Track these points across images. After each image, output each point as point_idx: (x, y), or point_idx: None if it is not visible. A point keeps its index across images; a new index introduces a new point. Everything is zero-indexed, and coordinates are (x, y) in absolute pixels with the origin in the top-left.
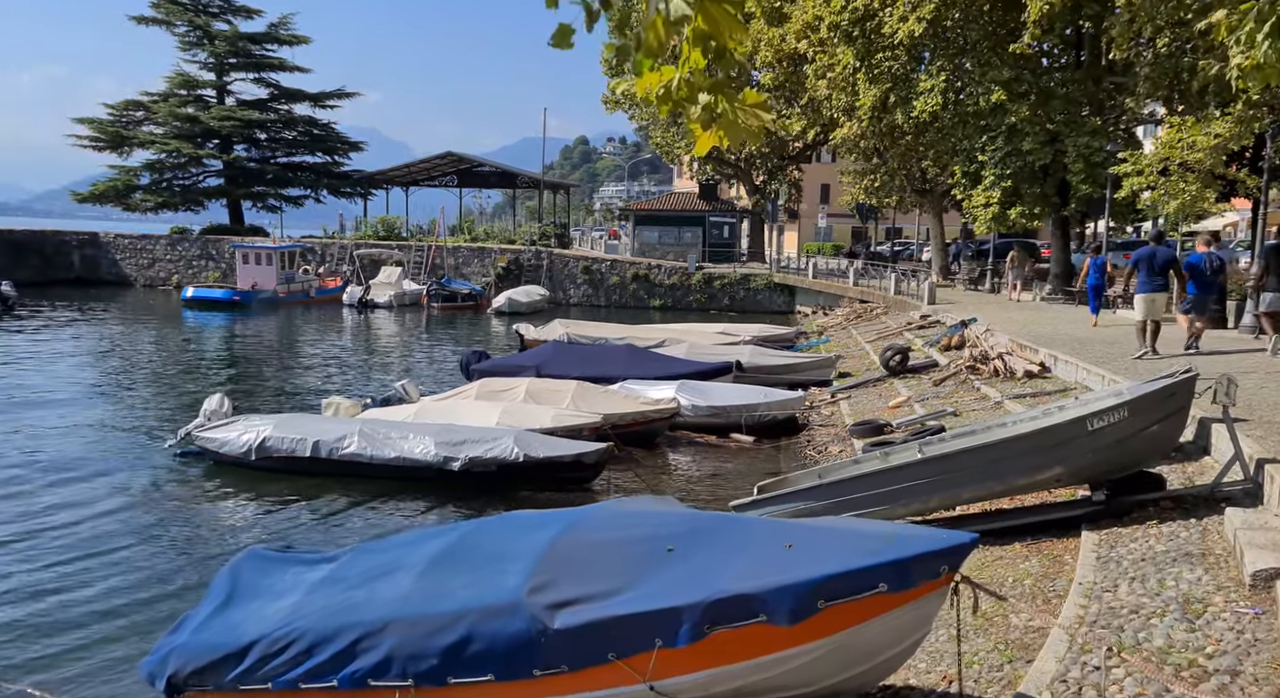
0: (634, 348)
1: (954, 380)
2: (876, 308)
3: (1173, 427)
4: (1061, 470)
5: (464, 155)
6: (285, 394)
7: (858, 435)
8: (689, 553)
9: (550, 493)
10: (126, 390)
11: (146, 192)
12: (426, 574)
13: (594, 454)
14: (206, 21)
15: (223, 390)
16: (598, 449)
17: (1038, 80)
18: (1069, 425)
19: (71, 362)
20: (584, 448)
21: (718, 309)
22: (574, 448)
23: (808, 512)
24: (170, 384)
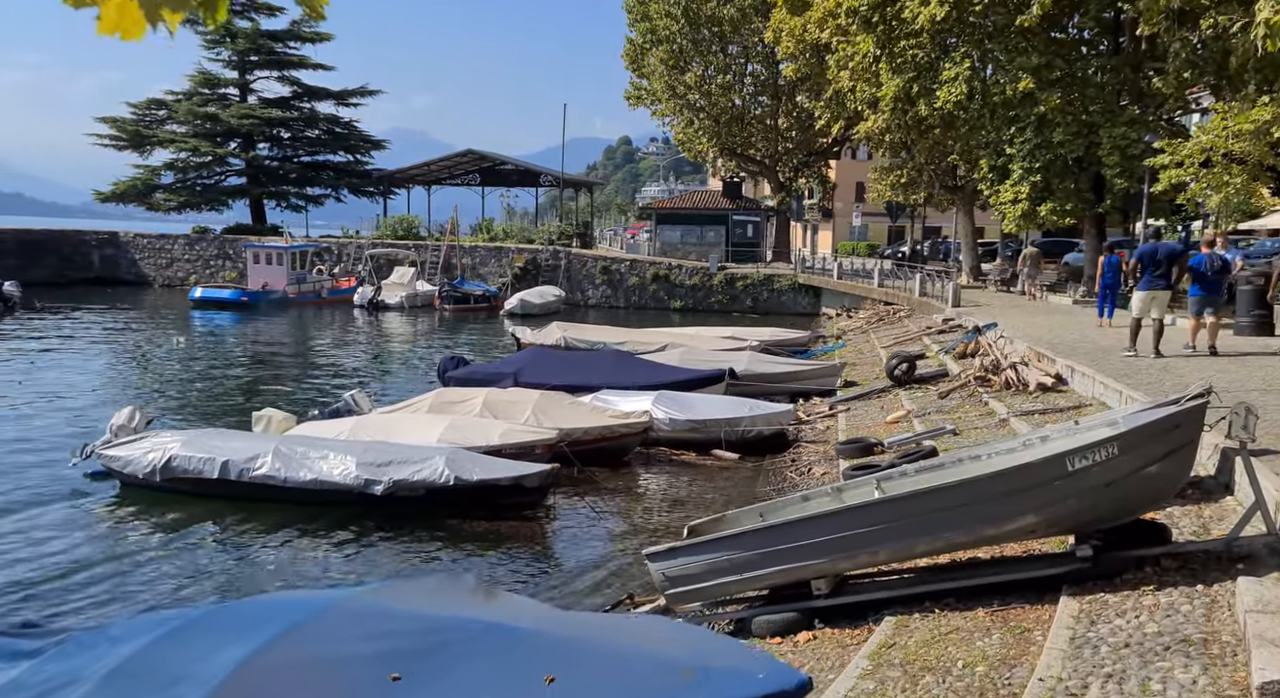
0: (620, 354)
1: (961, 393)
2: (900, 310)
3: (1176, 466)
4: (1035, 519)
5: (485, 153)
6: (256, 399)
7: (844, 455)
8: (416, 686)
9: (487, 521)
10: (72, 398)
11: (168, 191)
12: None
13: (536, 477)
14: (229, 19)
15: (136, 404)
16: (540, 471)
17: (1070, 67)
18: (1044, 465)
19: (40, 364)
20: (525, 470)
21: (739, 311)
22: (514, 470)
23: (740, 563)
24: (135, 389)
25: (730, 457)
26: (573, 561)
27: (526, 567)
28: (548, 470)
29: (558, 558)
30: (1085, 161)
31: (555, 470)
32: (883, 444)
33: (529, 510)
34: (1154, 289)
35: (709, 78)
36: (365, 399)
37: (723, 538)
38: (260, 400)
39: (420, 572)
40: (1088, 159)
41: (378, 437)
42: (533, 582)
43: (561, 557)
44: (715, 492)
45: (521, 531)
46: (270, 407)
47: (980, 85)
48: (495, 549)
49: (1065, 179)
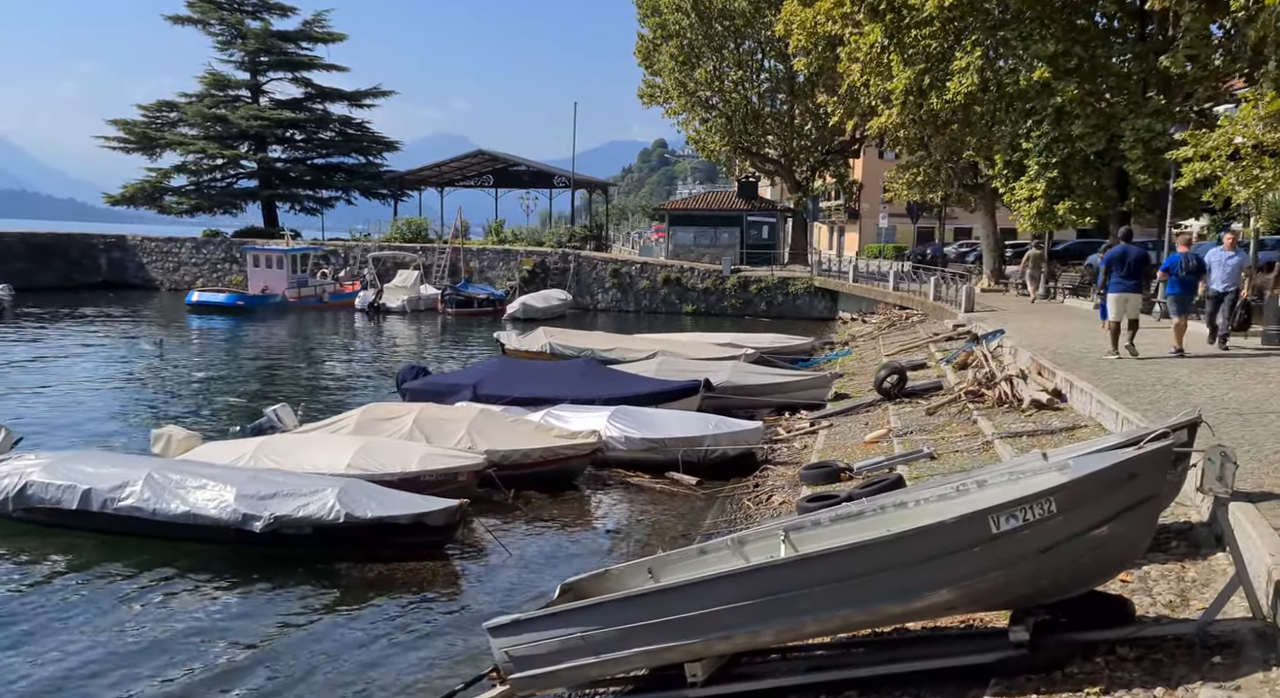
0: (589, 364)
1: (951, 408)
2: (914, 316)
3: (1134, 527)
4: (951, 595)
5: (497, 154)
6: (208, 410)
7: (808, 482)
8: None
9: (384, 563)
10: (26, 408)
11: (179, 194)
12: None
13: (441, 514)
14: (239, 19)
15: (6, 425)
16: (446, 508)
17: (1090, 55)
18: (960, 526)
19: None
20: (428, 506)
21: (753, 315)
22: (415, 506)
23: (599, 641)
24: (93, 397)
25: (688, 481)
26: (470, 612)
27: (414, 622)
28: (454, 507)
29: (453, 609)
30: (1107, 156)
31: (464, 507)
32: (851, 469)
33: (437, 549)
34: (1125, 291)
35: (721, 74)
36: (290, 415)
37: (578, 609)
38: (213, 411)
39: (296, 623)
40: (1110, 153)
41: (282, 461)
42: (410, 643)
43: (458, 607)
44: (660, 523)
45: (422, 574)
46: (172, 423)
47: (993, 75)
48: (386, 597)
49: (1085, 175)
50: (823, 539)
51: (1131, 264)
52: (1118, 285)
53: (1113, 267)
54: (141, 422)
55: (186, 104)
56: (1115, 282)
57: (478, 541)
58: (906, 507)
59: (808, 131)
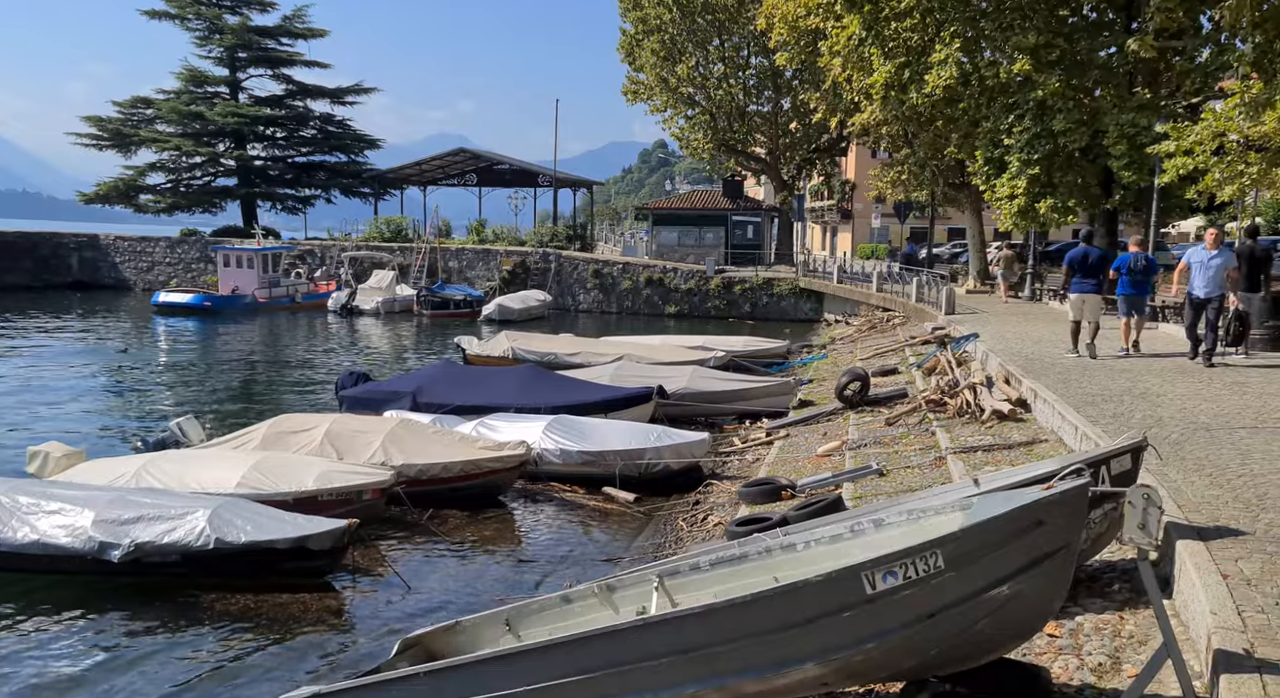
0: (536, 370)
1: (913, 418)
2: (896, 318)
3: (1043, 586)
4: (821, 669)
5: (479, 152)
6: (137, 420)
7: (747, 500)
8: None
9: (259, 594)
10: None
11: (156, 192)
12: None
13: (326, 537)
14: (217, 14)
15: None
16: (330, 530)
17: (1073, 46)
18: (828, 585)
19: None
20: (310, 529)
21: (737, 317)
22: (297, 528)
23: None
24: (18, 402)
25: (624, 497)
26: (335, 657)
27: (281, 664)
28: (341, 529)
29: (316, 652)
30: (1092, 153)
31: (352, 528)
32: (794, 486)
33: (322, 576)
34: (1084, 292)
35: (705, 70)
36: (196, 427)
37: (393, 680)
38: (141, 420)
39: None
40: (1094, 150)
41: (167, 480)
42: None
43: (321, 652)
44: (586, 546)
45: (292, 609)
46: (52, 441)
47: (973, 68)
48: (257, 633)
49: (1068, 173)
50: (700, 587)
51: (1092, 265)
52: (1077, 286)
53: (1074, 267)
54: (36, 436)
55: (163, 101)
56: (1075, 282)
57: (373, 566)
58: (796, 549)
59: (793, 129)
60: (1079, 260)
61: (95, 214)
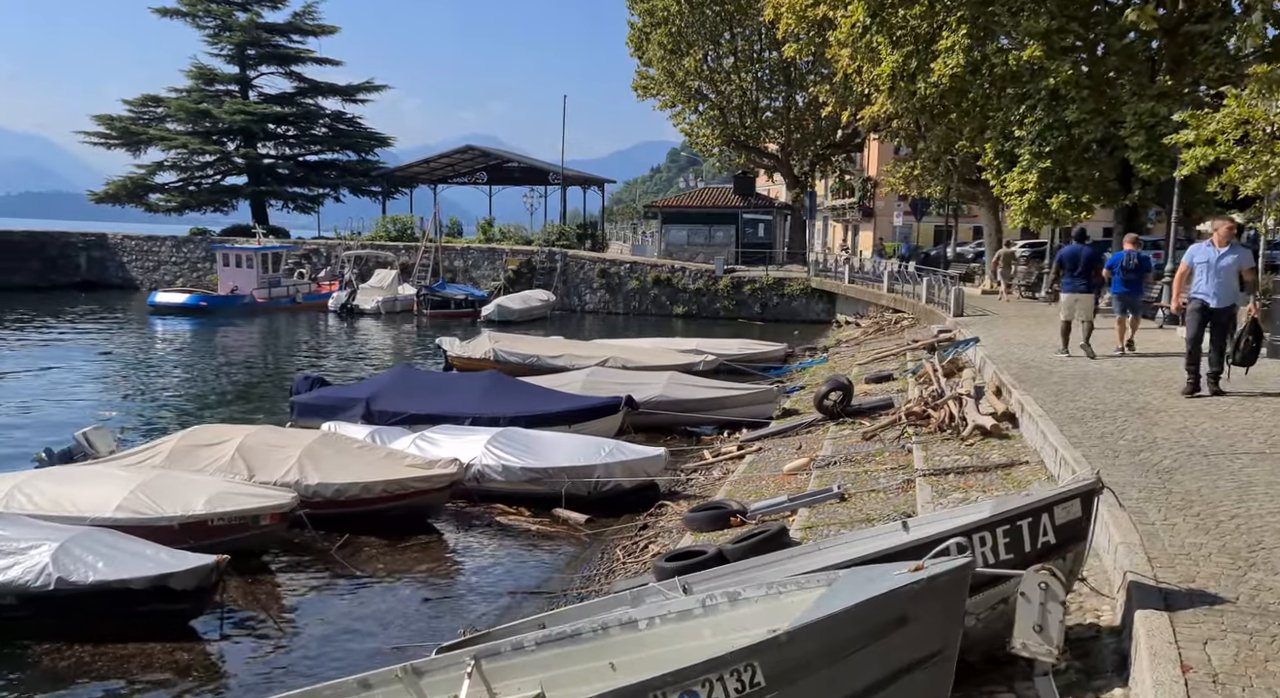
0: (499, 378)
1: (892, 432)
2: (904, 319)
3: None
4: None
5: (488, 150)
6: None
7: (692, 526)
8: None
9: (93, 645)
10: None
11: (166, 191)
12: None
13: (189, 576)
14: (228, 11)
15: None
16: (194, 568)
17: (1088, 32)
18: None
19: None
20: (175, 565)
21: (747, 318)
22: (160, 565)
23: None
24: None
25: (575, 519)
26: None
27: None
28: (208, 566)
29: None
30: (1109, 145)
31: (222, 565)
32: (744, 512)
33: (189, 619)
34: (1075, 291)
35: (715, 63)
36: (105, 439)
37: None
38: (78, 424)
39: None
40: (1112, 141)
41: (40, 501)
42: None
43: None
44: (514, 578)
45: (143, 661)
46: None
47: (982, 56)
48: (82, 692)
49: (1082, 166)
50: (521, 673)
51: (1083, 264)
52: (1068, 285)
53: (1064, 266)
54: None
55: (173, 99)
56: (1066, 282)
57: (253, 606)
58: (638, 628)
59: (805, 124)
60: (1069, 259)
61: (129, 216)
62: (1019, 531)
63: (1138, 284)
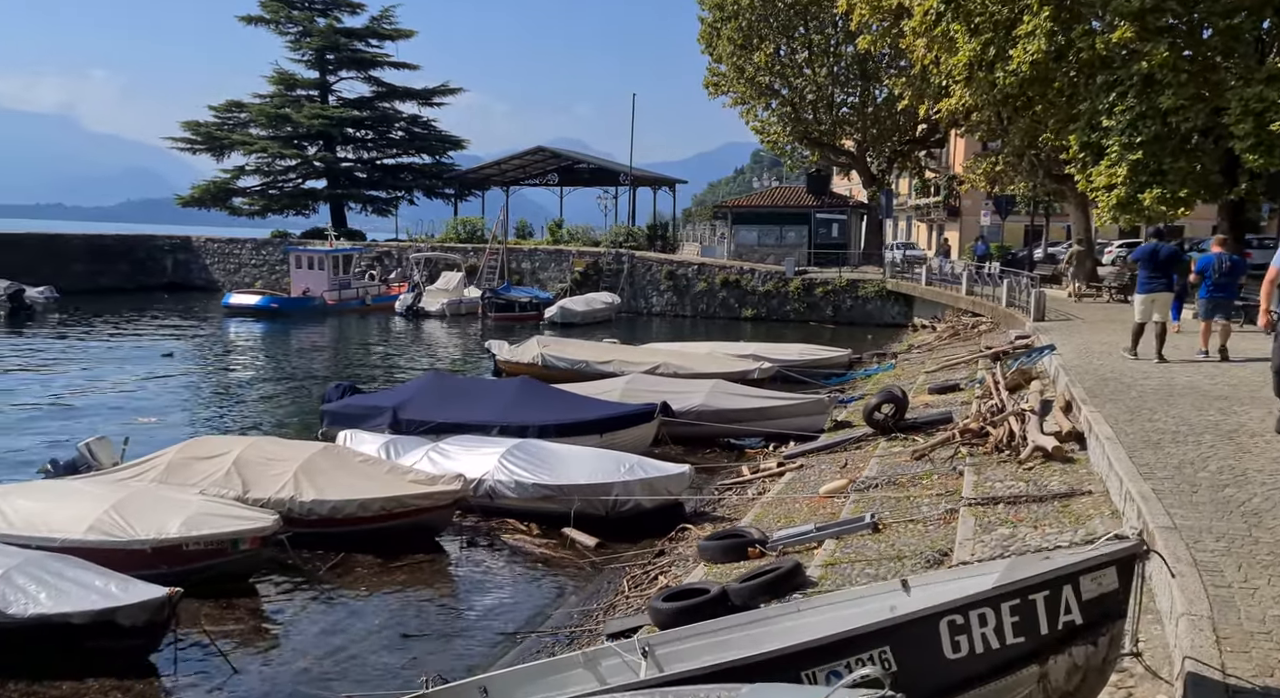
0: (531, 385)
1: (945, 451)
2: (982, 324)
3: None
4: None
5: (558, 151)
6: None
7: (706, 557)
8: None
9: (41, 683)
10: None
11: (248, 195)
12: None
13: (138, 610)
14: (309, 17)
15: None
16: (144, 602)
17: (1187, 10)
18: None
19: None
20: (124, 598)
21: (818, 321)
22: (108, 598)
23: None
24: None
25: (585, 541)
26: None
27: None
28: (160, 600)
29: None
30: (1212, 133)
31: (175, 598)
32: (765, 542)
33: (145, 654)
34: (1153, 291)
35: (785, 57)
36: (108, 449)
37: None
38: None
39: None
40: (1215, 130)
41: (15, 519)
42: None
43: None
44: (500, 610)
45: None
46: None
47: (1066, 40)
48: None
49: (1180, 158)
50: None
51: (1162, 262)
52: (1145, 285)
53: (1141, 264)
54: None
55: (254, 104)
56: (1143, 280)
57: (209, 641)
58: None
59: (882, 119)
60: (1147, 257)
61: (221, 220)
62: (1032, 606)
63: (1230, 288)
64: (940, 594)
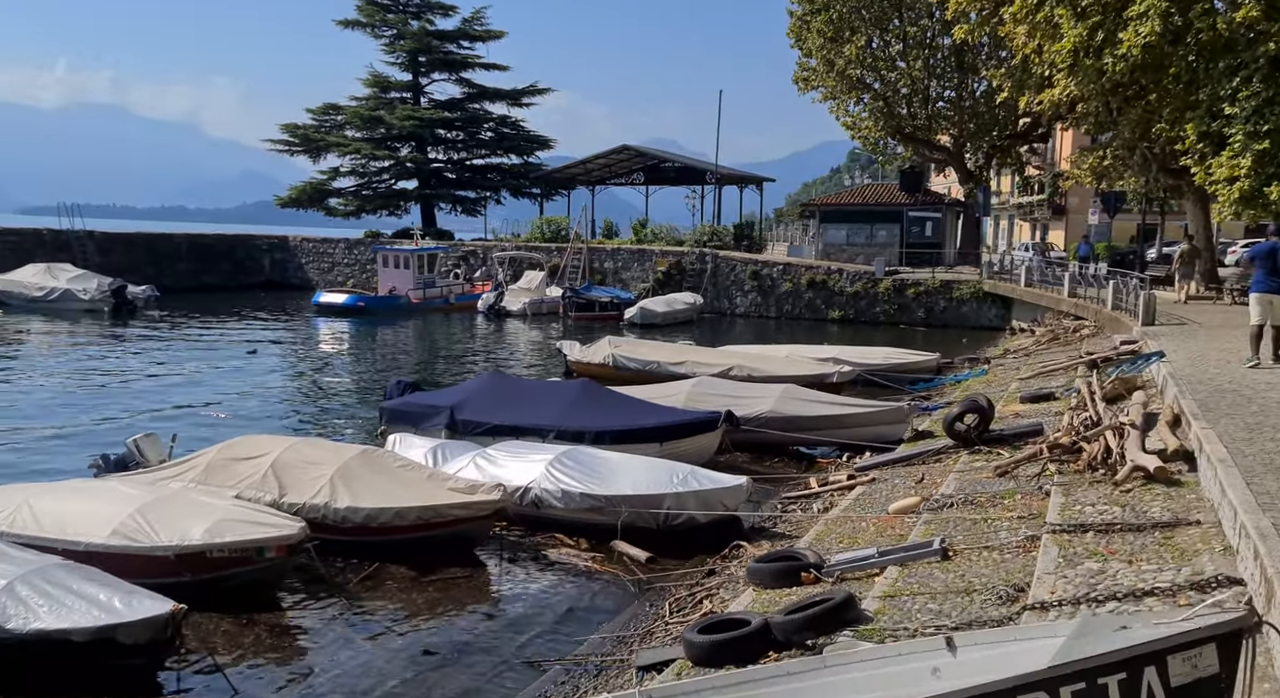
0: (590, 387)
1: (1033, 467)
2: (1085, 327)
3: None
4: None
5: (642, 149)
6: (192, 425)
7: (754, 581)
8: None
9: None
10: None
11: (343, 195)
12: None
13: (140, 627)
14: (403, 20)
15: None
16: (145, 620)
17: None
18: None
19: (80, 373)
20: (126, 614)
21: (909, 324)
22: (108, 615)
23: None
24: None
25: (636, 556)
26: None
27: None
28: (163, 617)
29: None
30: None
31: (179, 615)
32: (821, 566)
33: (150, 671)
34: (1270, 291)
35: (878, 49)
36: (155, 446)
37: None
38: (195, 426)
39: None
40: None
41: (43, 521)
42: None
43: None
44: (533, 633)
45: None
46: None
47: (1183, 21)
48: None
49: None
50: None
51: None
52: (1261, 284)
53: (1258, 263)
54: (100, 436)
55: (349, 107)
56: (1259, 280)
57: (218, 656)
58: None
59: (981, 113)
60: (1265, 255)
61: (323, 221)
62: (1103, 693)
63: None
64: (989, 662)
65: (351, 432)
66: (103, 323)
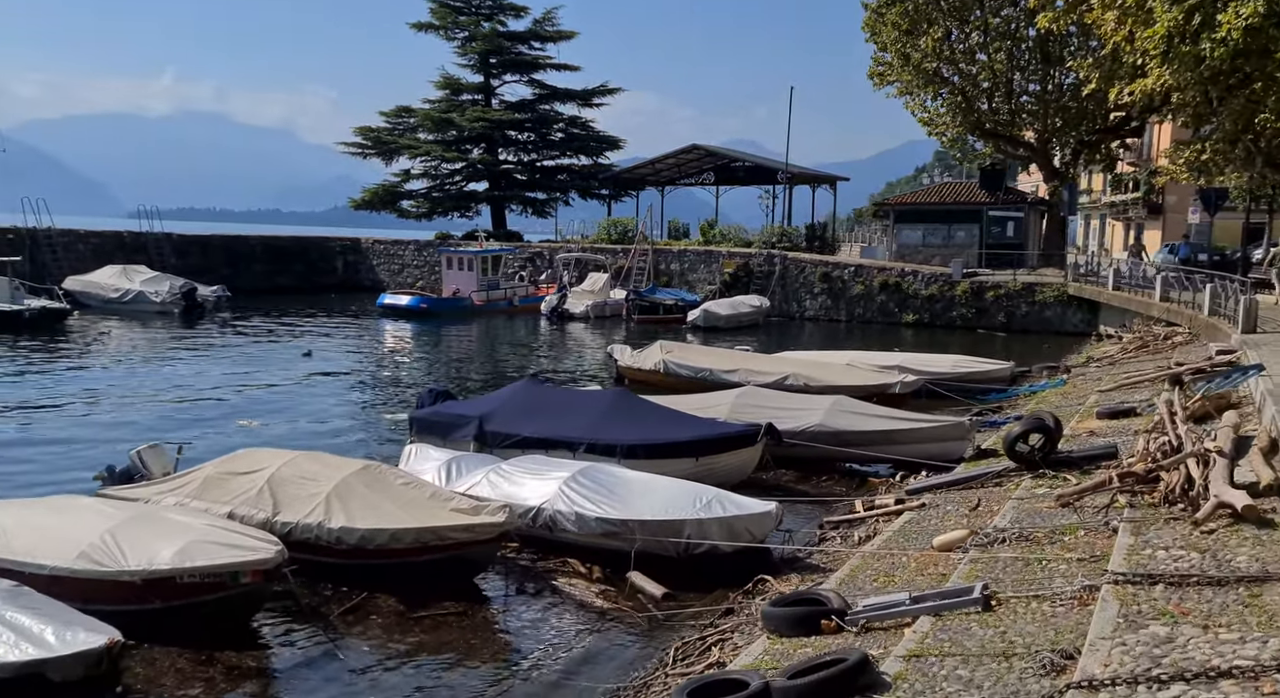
0: (624, 396)
1: (1099, 497)
2: (1177, 334)
3: None
4: None
5: (711, 149)
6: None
7: (769, 626)
8: None
9: None
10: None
11: (415, 197)
12: None
13: (71, 662)
14: (475, 22)
15: None
16: (77, 654)
17: None
18: None
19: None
20: (57, 648)
21: (988, 328)
22: (37, 648)
23: None
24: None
25: (651, 591)
26: None
27: None
28: (96, 652)
29: None
30: None
31: (114, 648)
32: (844, 613)
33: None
34: None
35: (956, 40)
36: (160, 458)
37: None
38: (229, 432)
39: None
40: None
41: (13, 542)
42: None
43: None
44: (524, 680)
45: None
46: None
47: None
48: None
49: None
50: None
51: None
52: None
53: None
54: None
55: (421, 109)
56: None
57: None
58: None
59: (1067, 106)
60: None
61: (399, 223)
62: None
63: None
64: None
65: (386, 442)
66: (171, 325)
